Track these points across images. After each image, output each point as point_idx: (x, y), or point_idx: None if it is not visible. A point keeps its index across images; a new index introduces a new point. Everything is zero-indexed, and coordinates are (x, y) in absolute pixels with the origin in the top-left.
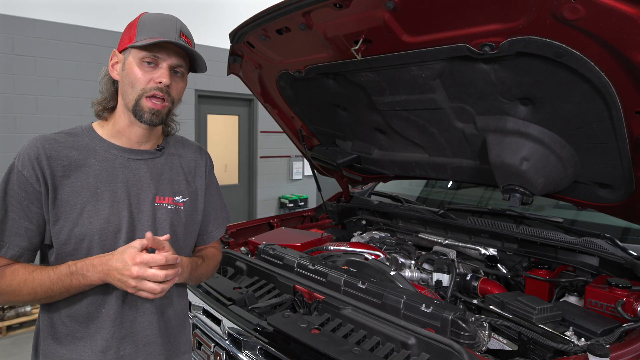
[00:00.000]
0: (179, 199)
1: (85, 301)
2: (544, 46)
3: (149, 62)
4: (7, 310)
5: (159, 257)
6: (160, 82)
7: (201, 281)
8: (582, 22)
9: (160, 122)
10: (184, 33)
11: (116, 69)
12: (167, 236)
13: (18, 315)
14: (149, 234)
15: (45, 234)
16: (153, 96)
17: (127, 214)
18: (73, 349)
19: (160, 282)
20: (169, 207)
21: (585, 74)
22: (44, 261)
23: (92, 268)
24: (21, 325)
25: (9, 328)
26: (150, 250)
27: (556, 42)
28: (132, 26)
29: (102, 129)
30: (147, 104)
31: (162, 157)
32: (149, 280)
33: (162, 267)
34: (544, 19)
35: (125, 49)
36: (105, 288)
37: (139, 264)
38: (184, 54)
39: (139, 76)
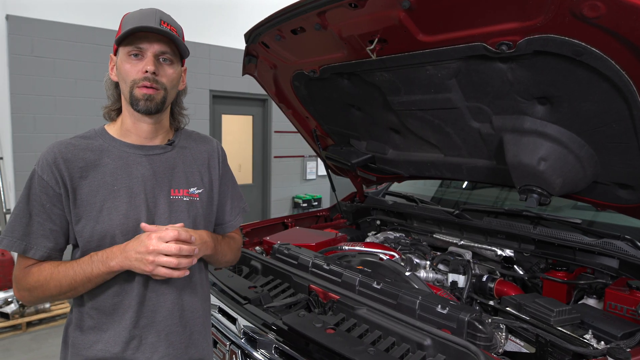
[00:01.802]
0: (194, 190)
1: (110, 293)
2: (563, 44)
3: (135, 55)
4: (27, 307)
5: (171, 232)
6: (146, 71)
7: (225, 260)
8: (602, 19)
9: (156, 108)
10: (165, 21)
11: (114, 70)
12: (180, 224)
13: (37, 312)
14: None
15: (69, 234)
16: (143, 86)
17: (144, 209)
18: (99, 340)
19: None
20: (184, 199)
21: (605, 72)
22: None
23: (111, 254)
24: (40, 321)
25: (29, 324)
26: None
27: (575, 41)
28: (119, 26)
29: (112, 129)
30: (139, 91)
31: (173, 150)
32: (165, 255)
33: (177, 242)
34: (563, 16)
35: (117, 50)
36: (127, 280)
37: (155, 238)
38: (167, 41)
39: (128, 69)
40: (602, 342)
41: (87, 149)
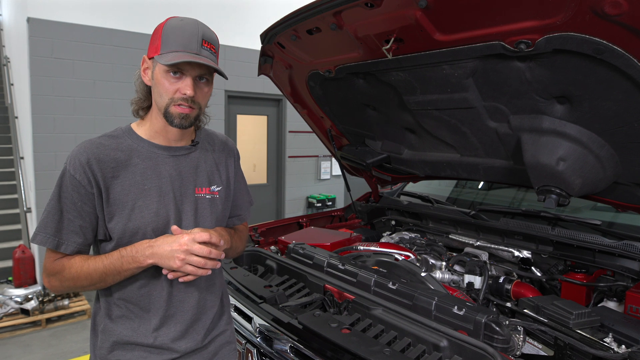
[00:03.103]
0: (214, 188)
1: (137, 285)
2: (583, 43)
3: (174, 72)
4: (47, 304)
5: (204, 234)
6: (185, 94)
7: (237, 252)
8: (624, 16)
9: (190, 124)
10: (206, 39)
11: (147, 74)
12: (207, 235)
13: (57, 309)
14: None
15: (97, 230)
16: (180, 105)
17: (173, 207)
18: (128, 327)
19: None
20: (207, 196)
21: (627, 70)
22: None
23: (141, 249)
24: (59, 318)
25: (48, 321)
26: None
27: (596, 39)
28: (157, 34)
29: (140, 129)
30: (176, 110)
31: (196, 151)
32: (196, 255)
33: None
34: (584, 14)
35: (153, 57)
36: (154, 273)
37: (188, 238)
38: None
39: (166, 86)
40: (623, 346)
41: (117, 149)
